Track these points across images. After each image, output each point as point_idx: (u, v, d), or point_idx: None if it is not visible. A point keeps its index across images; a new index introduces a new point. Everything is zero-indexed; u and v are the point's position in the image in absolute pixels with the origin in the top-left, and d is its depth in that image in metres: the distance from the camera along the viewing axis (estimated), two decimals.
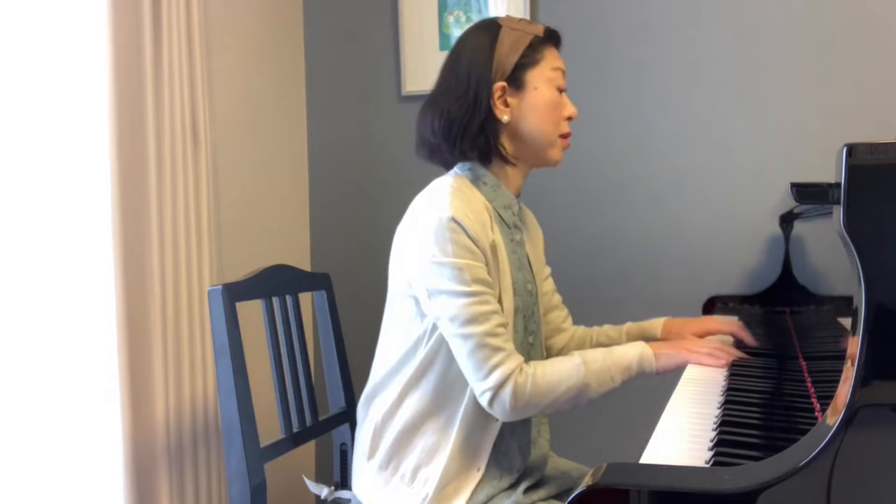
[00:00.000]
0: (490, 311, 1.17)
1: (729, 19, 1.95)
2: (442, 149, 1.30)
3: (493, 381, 1.15)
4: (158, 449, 1.74)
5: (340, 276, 2.40)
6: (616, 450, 2.11)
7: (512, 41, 1.26)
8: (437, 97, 1.29)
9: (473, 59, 1.26)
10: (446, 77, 1.30)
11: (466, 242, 1.17)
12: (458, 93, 1.26)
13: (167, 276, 1.75)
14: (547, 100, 1.27)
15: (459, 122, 1.26)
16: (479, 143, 1.27)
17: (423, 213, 1.22)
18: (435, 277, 1.17)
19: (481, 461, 1.26)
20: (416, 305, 1.24)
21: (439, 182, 1.27)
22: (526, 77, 1.27)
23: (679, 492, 0.71)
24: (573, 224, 2.13)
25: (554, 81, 1.28)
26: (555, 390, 1.18)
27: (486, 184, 1.29)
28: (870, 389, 0.69)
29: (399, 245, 1.27)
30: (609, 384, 1.22)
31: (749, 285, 1.96)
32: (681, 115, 2.01)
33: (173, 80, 1.76)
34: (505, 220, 1.31)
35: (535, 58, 1.27)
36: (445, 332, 1.18)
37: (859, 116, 1.85)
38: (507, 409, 1.16)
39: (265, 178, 2.26)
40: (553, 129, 1.29)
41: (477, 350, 1.15)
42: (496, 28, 1.28)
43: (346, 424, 1.72)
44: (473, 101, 1.25)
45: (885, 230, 0.69)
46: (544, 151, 1.30)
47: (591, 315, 2.10)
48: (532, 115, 1.27)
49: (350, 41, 2.37)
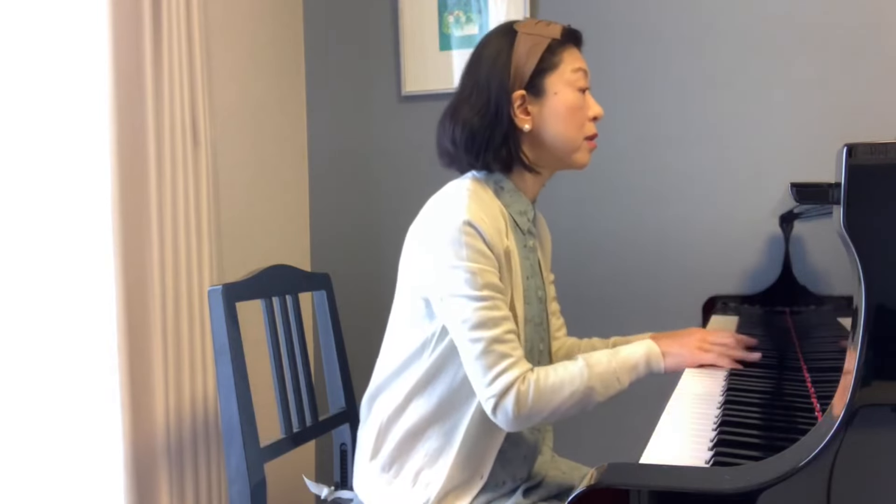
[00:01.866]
0: (500, 317, 1.15)
1: (729, 19, 1.95)
2: (462, 159, 1.28)
3: (496, 388, 1.13)
4: (158, 449, 1.74)
5: (340, 276, 2.40)
6: (616, 450, 2.11)
7: (528, 47, 1.23)
8: (458, 108, 1.27)
9: (491, 69, 1.24)
10: (466, 85, 1.27)
11: (481, 247, 1.16)
12: (479, 104, 1.24)
13: (167, 276, 1.75)
14: (568, 104, 1.24)
15: (482, 135, 1.23)
16: (501, 154, 1.24)
17: (439, 215, 1.19)
18: (448, 281, 1.15)
19: (485, 468, 1.25)
20: (426, 307, 1.23)
21: (456, 184, 1.24)
22: (545, 83, 1.24)
23: (679, 492, 0.71)
24: (573, 224, 2.13)
25: (575, 83, 1.25)
26: (557, 397, 1.15)
27: (503, 189, 1.27)
28: (870, 389, 0.69)
29: (411, 245, 1.25)
30: (616, 386, 1.19)
31: (749, 285, 1.96)
32: (681, 115, 2.01)
33: (173, 80, 1.76)
34: (520, 225, 1.29)
35: (554, 62, 1.24)
36: (455, 335, 1.17)
37: (859, 116, 1.85)
38: (511, 419, 1.14)
39: (265, 178, 2.26)
40: (577, 132, 1.26)
41: (483, 355, 1.13)
42: (512, 34, 1.25)
43: (346, 424, 1.72)
44: (495, 113, 1.23)
45: (885, 230, 0.69)
46: (569, 156, 1.27)
47: (591, 315, 2.10)
48: (554, 121, 1.24)
49: (350, 41, 2.37)
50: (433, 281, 1.18)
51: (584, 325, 1.98)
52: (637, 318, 2.07)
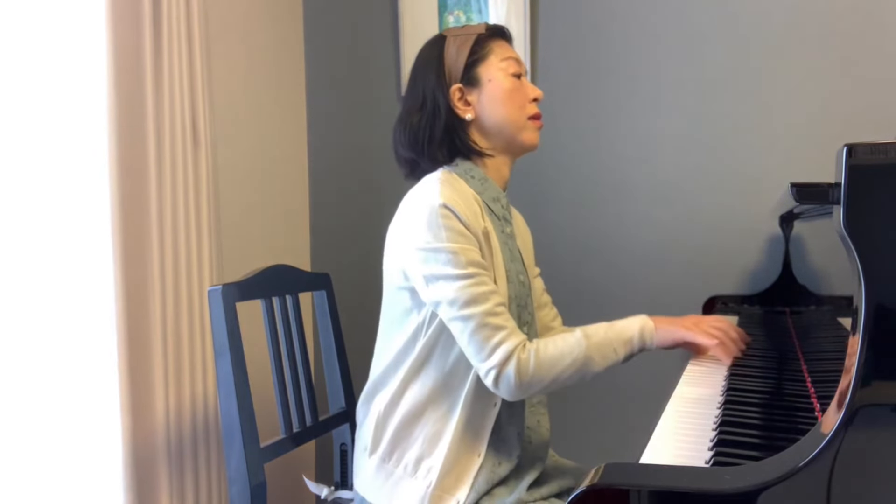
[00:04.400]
0: (488, 292, 1.19)
1: (729, 19, 1.95)
2: (416, 161, 1.35)
3: (496, 359, 1.17)
4: (158, 449, 1.74)
5: (340, 276, 2.40)
6: (616, 450, 2.11)
7: (457, 45, 1.33)
8: (402, 117, 1.36)
9: (426, 72, 1.33)
10: (407, 98, 1.37)
11: (459, 227, 1.20)
12: (417, 106, 1.33)
13: (167, 276, 1.75)
14: (504, 88, 1.31)
15: (423, 132, 1.32)
16: (445, 144, 1.32)
17: (413, 203, 1.24)
18: (430, 263, 1.19)
19: (481, 446, 1.27)
20: (412, 298, 1.26)
21: (428, 177, 1.30)
22: (478, 73, 1.32)
23: (679, 492, 0.71)
24: (574, 224, 2.13)
25: (507, 70, 1.33)
26: (557, 365, 1.19)
27: (473, 177, 1.32)
28: (870, 389, 0.69)
29: (391, 239, 1.30)
30: (612, 357, 1.23)
31: (749, 285, 1.96)
32: (681, 116, 2.01)
33: (173, 80, 1.76)
34: (495, 212, 1.33)
35: (483, 53, 1.33)
36: (445, 316, 1.20)
37: (859, 116, 1.85)
38: (513, 387, 1.18)
39: (265, 178, 2.26)
40: (518, 113, 1.32)
41: (478, 330, 1.17)
42: (441, 39, 1.35)
43: (346, 424, 1.72)
44: (433, 109, 1.31)
45: (885, 230, 0.69)
46: (516, 137, 1.33)
47: (591, 314, 2.10)
48: (493, 106, 1.31)
49: (350, 41, 2.37)
50: (416, 268, 1.21)
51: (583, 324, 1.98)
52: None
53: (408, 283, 1.26)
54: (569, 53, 2.10)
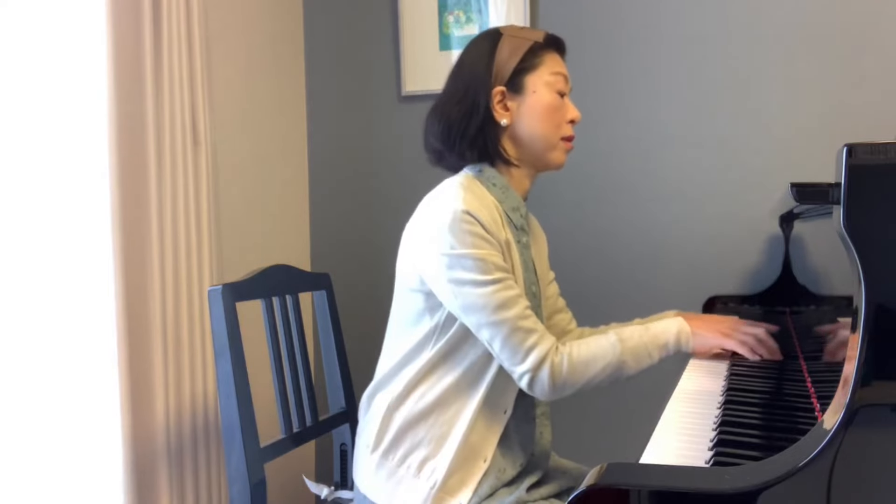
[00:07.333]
0: (516, 296, 1.19)
1: (729, 20, 1.95)
2: (444, 153, 1.33)
3: (530, 363, 1.17)
4: (158, 449, 1.74)
5: (340, 276, 2.40)
6: (616, 450, 2.11)
7: (511, 47, 1.29)
8: (439, 104, 1.33)
9: (474, 66, 1.30)
10: (449, 85, 1.33)
11: (482, 233, 1.19)
12: (457, 98, 1.30)
13: (167, 276, 1.75)
14: (546, 103, 1.29)
15: (458, 126, 1.29)
16: (477, 144, 1.29)
17: (435, 208, 1.23)
18: (456, 269, 1.18)
19: (488, 452, 1.27)
20: (426, 301, 1.25)
21: (449, 181, 1.28)
22: (525, 81, 1.29)
23: (679, 492, 0.71)
24: (574, 223, 2.13)
25: (554, 85, 1.30)
26: (591, 368, 1.20)
27: (495, 185, 1.31)
28: (870, 389, 0.69)
29: (409, 242, 1.28)
30: (647, 361, 1.24)
31: (749, 285, 1.96)
32: (681, 115, 2.01)
33: (173, 80, 1.76)
34: (513, 221, 1.32)
35: (534, 62, 1.30)
36: (473, 322, 1.19)
37: (859, 116, 1.85)
38: (547, 390, 1.18)
39: (265, 178, 2.26)
40: (553, 131, 1.30)
41: (511, 335, 1.17)
42: (497, 35, 1.31)
43: (346, 424, 1.72)
44: (471, 106, 1.28)
45: (885, 230, 0.69)
46: (545, 154, 1.32)
47: (591, 314, 2.10)
48: (531, 119, 1.29)
49: (350, 41, 2.37)
50: (440, 273, 1.20)
51: (583, 325, 1.98)
52: (637, 318, 2.07)
53: (423, 286, 1.25)
54: (568, 54, 2.10)
